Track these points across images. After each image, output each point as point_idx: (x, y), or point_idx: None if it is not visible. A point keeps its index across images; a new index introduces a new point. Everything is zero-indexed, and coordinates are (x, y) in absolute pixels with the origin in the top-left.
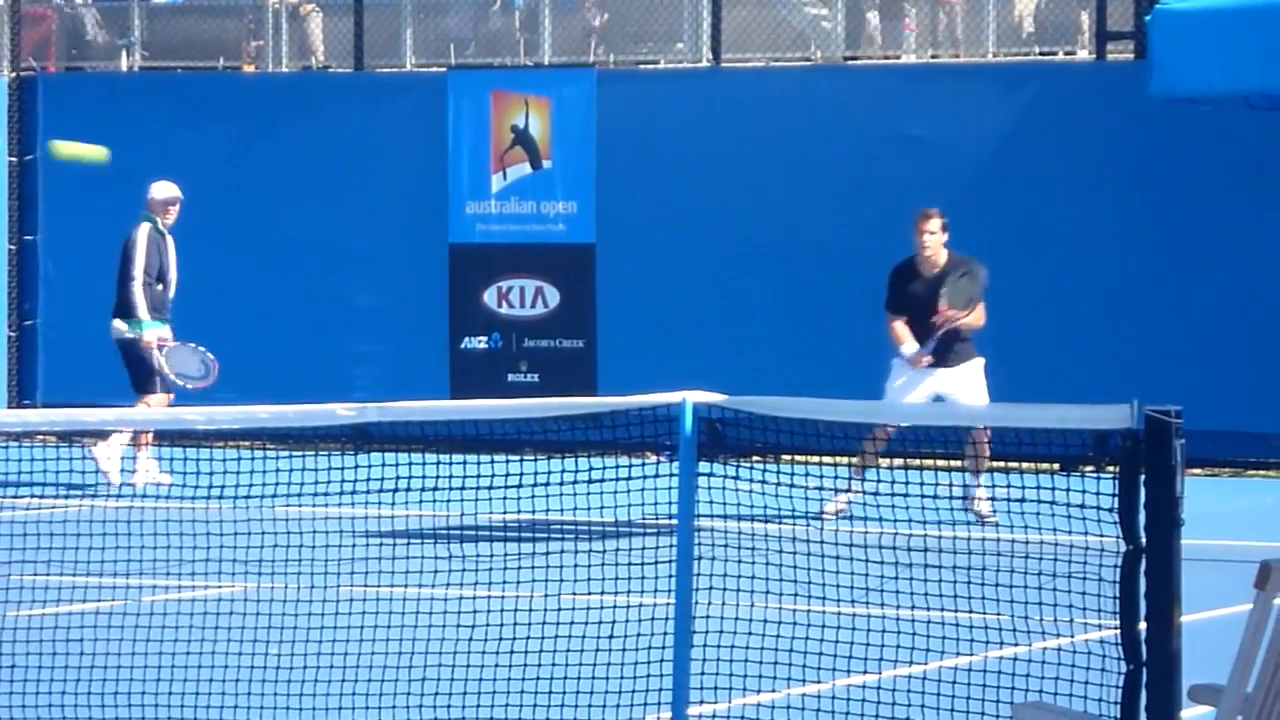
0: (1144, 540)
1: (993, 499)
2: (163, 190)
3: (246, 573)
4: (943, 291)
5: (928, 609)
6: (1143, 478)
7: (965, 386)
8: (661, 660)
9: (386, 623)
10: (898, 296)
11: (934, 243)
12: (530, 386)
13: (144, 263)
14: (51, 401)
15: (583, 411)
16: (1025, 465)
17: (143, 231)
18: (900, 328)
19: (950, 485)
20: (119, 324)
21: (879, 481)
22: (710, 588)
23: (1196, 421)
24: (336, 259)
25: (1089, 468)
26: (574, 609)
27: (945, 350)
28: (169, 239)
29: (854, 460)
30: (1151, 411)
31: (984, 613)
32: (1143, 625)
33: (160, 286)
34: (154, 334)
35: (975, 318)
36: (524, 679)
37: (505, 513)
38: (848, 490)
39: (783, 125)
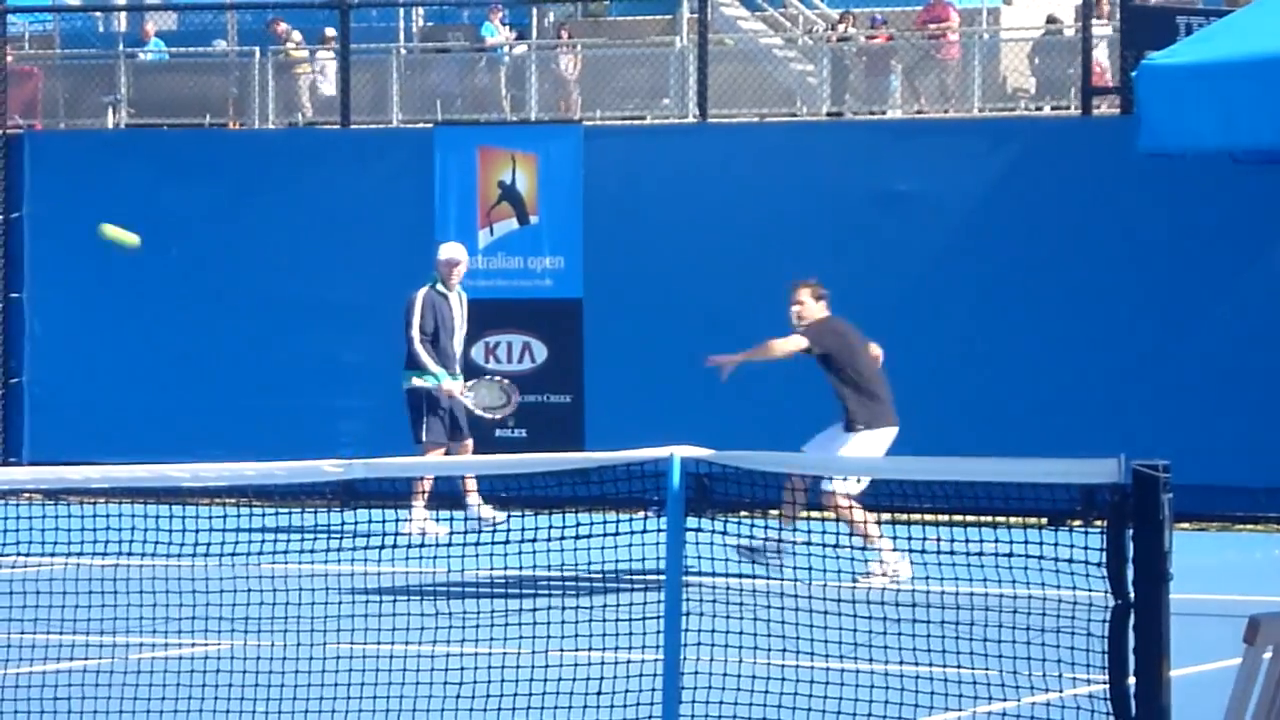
0: (1132, 595)
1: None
2: (444, 252)
3: (233, 630)
4: None
5: (916, 664)
6: (1131, 532)
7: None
8: (651, 716)
9: (374, 680)
10: None
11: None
12: (518, 442)
13: (419, 320)
14: (38, 459)
15: (570, 467)
16: (1013, 520)
17: (421, 291)
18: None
19: (939, 540)
20: (409, 376)
21: (865, 536)
22: (699, 643)
23: (1184, 476)
24: (323, 315)
25: (1077, 522)
26: (562, 665)
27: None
28: (454, 296)
29: (781, 513)
30: (1139, 466)
31: (972, 668)
32: (1132, 680)
33: (440, 342)
34: (450, 385)
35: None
36: None
37: (493, 569)
38: (779, 541)
39: (769, 180)
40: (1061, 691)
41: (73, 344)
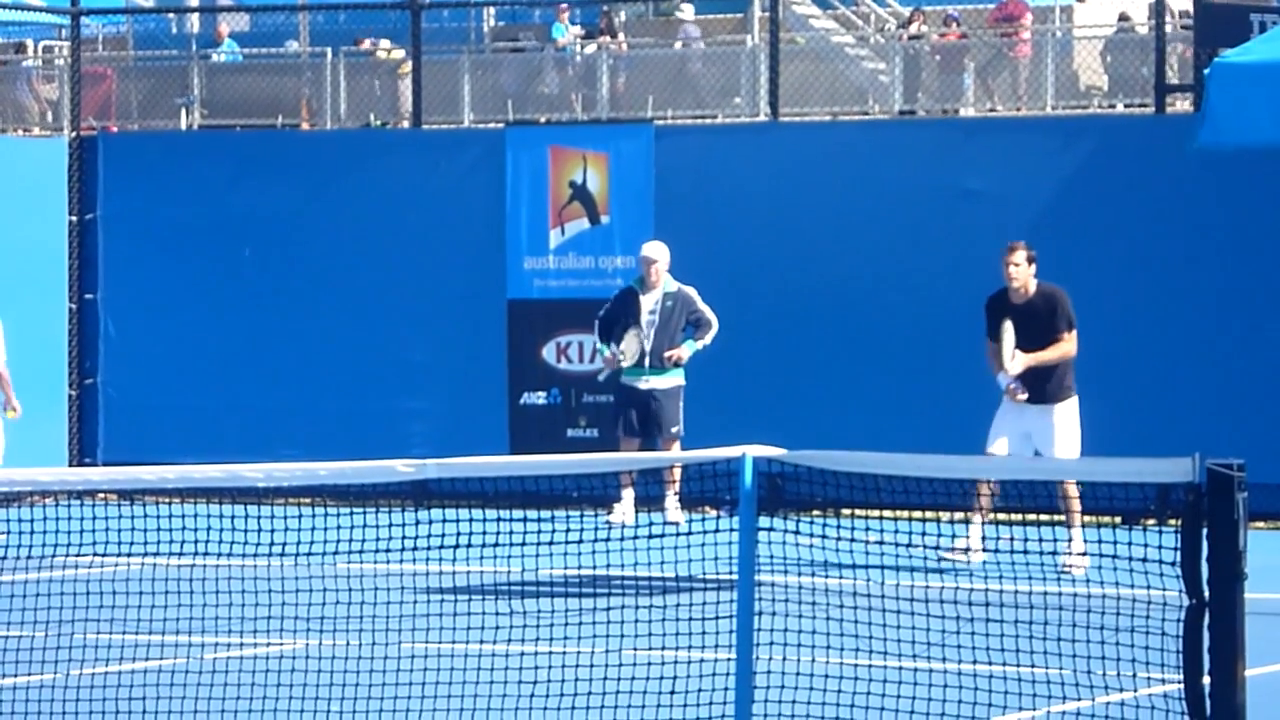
0: (1207, 594)
1: (1086, 553)
2: (642, 249)
3: (308, 630)
4: (1014, 341)
5: (990, 663)
6: (1205, 531)
7: (1054, 432)
8: (724, 716)
9: (448, 679)
10: (994, 326)
11: (1020, 274)
12: (590, 442)
13: (604, 313)
14: (112, 460)
15: (643, 466)
16: (1087, 519)
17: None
18: (997, 351)
19: (1011, 539)
20: None
21: (939, 536)
22: (771, 643)
23: (1259, 474)
24: (395, 315)
25: (1151, 521)
26: (635, 665)
27: (1040, 384)
28: (650, 294)
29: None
30: (1214, 465)
31: (1046, 667)
32: (1206, 680)
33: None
34: (608, 354)
35: (1065, 350)
36: None
37: (566, 568)
38: (966, 539)
39: (841, 179)
40: (1136, 691)
41: (146, 345)
